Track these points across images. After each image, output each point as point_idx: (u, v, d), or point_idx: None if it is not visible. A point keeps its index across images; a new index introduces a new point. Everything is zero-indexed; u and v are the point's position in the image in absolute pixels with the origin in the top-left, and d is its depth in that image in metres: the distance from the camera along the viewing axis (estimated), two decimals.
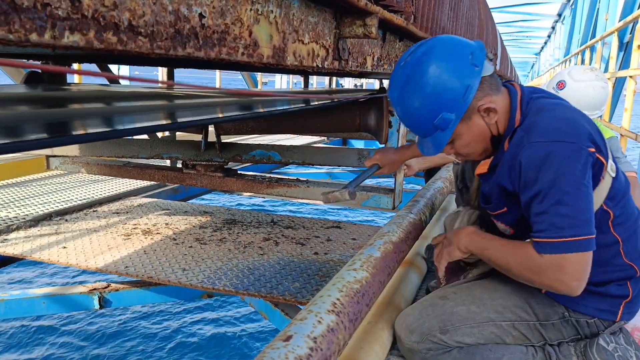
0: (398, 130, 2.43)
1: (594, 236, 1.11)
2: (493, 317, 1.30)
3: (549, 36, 28.14)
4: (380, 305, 1.60)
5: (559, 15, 23.41)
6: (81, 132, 1.00)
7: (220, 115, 1.36)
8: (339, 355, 0.92)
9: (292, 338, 0.82)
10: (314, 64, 1.24)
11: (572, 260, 1.10)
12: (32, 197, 3.43)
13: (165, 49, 0.73)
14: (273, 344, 0.80)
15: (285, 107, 1.83)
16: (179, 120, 1.27)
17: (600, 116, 2.43)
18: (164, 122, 1.20)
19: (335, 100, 2.26)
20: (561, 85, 2.33)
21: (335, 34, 1.33)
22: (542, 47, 31.74)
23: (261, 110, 1.58)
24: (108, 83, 3.59)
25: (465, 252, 1.35)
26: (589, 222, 1.11)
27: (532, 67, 39.39)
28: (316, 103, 2.12)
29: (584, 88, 2.29)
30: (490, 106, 1.22)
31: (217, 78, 6.56)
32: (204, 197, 5.62)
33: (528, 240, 1.18)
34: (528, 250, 1.15)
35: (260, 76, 7.82)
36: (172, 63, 3.14)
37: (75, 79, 4.36)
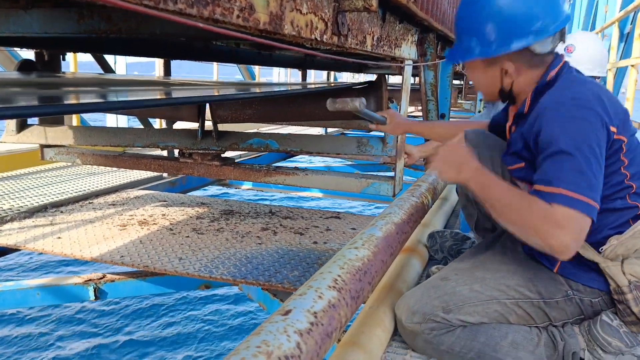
0: None
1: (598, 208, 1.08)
2: (497, 295, 1.28)
3: None
4: (382, 290, 1.56)
5: None
6: (74, 102, 0.96)
7: (216, 93, 1.32)
8: (341, 332, 0.88)
9: (292, 312, 0.78)
10: (313, 37, 1.20)
11: (579, 220, 1.05)
12: (27, 189, 3.38)
13: (154, 2, 0.69)
14: (272, 319, 0.76)
15: (283, 90, 1.79)
16: (174, 96, 1.22)
17: (605, 81, 2.63)
18: (158, 96, 1.15)
19: (332, 85, 2.22)
20: (569, 49, 2.37)
21: (335, 7, 1.29)
22: None
23: (257, 90, 1.54)
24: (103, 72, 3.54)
25: (458, 182, 1.31)
26: (598, 190, 1.09)
27: None
28: (314, 86, 2.08)
29: (592, 44, 2.43)
30: (509, 71, 1.26)
31: (215, 69, 6.51)
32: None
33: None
34: (535, 197, 1.10)
35: (257, 69, 7.76)
36: (168, 53, 3.09)
37: (70, 68, 4.30)
